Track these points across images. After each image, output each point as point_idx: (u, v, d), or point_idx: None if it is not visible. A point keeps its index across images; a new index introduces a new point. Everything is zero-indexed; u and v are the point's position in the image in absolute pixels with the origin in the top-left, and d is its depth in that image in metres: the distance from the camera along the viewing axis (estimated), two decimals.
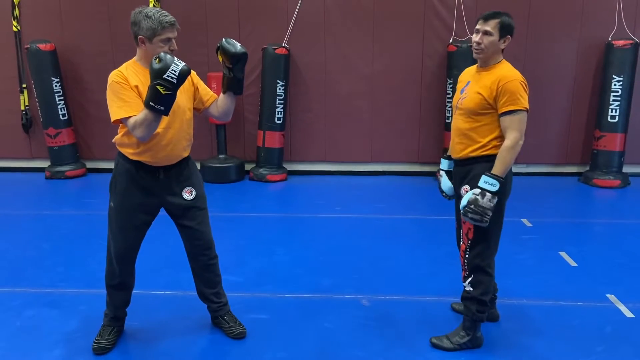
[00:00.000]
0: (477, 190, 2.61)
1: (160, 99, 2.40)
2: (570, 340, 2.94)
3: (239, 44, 2.65)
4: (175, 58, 2.42)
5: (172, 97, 2.44)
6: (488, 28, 2.65)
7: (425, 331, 2.99)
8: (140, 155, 2.66)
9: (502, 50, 2.70)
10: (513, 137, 2.60)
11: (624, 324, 3.12)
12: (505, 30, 2.65)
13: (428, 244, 4.34)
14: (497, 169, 2.61)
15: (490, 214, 2.60)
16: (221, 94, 2.81)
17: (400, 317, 3.21)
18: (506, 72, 2.64)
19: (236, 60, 2.64)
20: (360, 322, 3.14)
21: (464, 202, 2.65)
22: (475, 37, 2.69)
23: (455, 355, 2.81)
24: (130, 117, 2.50)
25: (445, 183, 2.97)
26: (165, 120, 2.58)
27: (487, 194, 2.59)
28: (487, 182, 2.60)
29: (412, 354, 2.82)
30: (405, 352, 2.84)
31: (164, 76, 2.37)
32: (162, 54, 2.41)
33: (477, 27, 2.69)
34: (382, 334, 3.02)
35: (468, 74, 2.85)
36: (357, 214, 5.11)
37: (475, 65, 2.80)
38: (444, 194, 3.01)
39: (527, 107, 2.62)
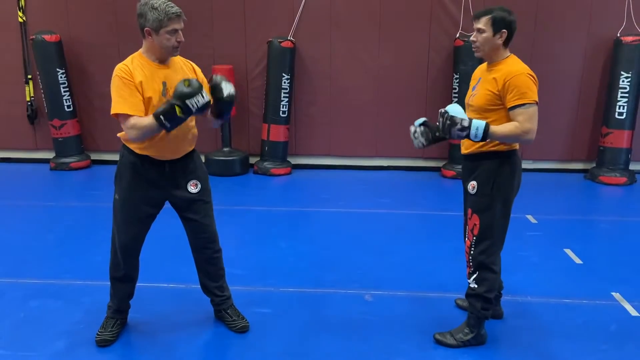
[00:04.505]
0: (465, 121, 2.49)
1: (172, 118, 2.43)
2: (575, 338, 2.93)
3: (230, 86, 2.63)
4: (203, 89, 2.44)
5: (182, 121, 2.49)
6: (480, 25, 2.64)
7: (429, 327, 2.98)
8: (146, 150, 2.65)
9: (505, 45, 2.66)
10: (527, 126, 2.53)
11: (629, 322, 3.10)
12: (498, 25, 2.61)
13: (432, 240, 4.33)
14: (496, 129, 2.51)
15: (443, 135, 2.55)
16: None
17: (404, 312, 3.20)
18: (512, 67, 2.61)
19: (223, 105, 2.64)
20: (363, 318, 3.13)
21: (450, 110, 2.54)
22: (472, 36, 2.69)
23: (459, 352, 2.80)
24: (126, 114, 2.50)
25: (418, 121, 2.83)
26: None
27: (461, 127, 2.49)
28: (476, 126, 2.49)
29: (415, 350, 2.81)
30: (409, 347, 2.84)
31: (187, 101, 2.40)
32: (194, 80, 2.44)
33: (474, 25, 2.69)
34: (385, 329, 3.01)
35: (479, 71, 2.83)
36: (361, 209, 5.10)
37: (486, 62, 2.78)
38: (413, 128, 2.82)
39: (536, 99, 2.57)
